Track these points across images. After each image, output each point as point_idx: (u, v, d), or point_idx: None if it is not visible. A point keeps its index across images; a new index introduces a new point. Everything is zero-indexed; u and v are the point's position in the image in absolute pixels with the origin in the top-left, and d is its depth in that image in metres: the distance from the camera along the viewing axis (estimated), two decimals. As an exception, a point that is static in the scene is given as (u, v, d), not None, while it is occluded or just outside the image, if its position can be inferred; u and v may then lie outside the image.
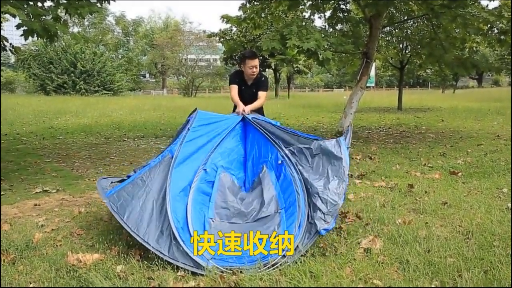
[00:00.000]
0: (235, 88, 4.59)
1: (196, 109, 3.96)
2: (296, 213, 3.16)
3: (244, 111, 4.14)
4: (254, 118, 4.01)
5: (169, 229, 2.98)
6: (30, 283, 2.68)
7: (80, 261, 2.89)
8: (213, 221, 3.18)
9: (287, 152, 3.60)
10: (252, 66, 4.42)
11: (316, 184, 3.29)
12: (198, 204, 3.25)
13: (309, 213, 3.15)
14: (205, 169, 3.53)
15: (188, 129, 3.71)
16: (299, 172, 3.42)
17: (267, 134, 3.80)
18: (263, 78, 4.67)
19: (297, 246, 2.95)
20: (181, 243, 2.89)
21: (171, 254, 2.88)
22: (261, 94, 4.63)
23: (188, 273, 2.76)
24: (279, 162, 3.57)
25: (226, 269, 2.76)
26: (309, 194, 3.25)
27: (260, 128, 3.85)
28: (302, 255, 2.93)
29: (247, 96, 4.61)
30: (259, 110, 4.66)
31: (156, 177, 3.34)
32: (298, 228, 3.07)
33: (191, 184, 3.35)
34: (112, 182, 3.93)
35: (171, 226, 2.98)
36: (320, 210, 3.15)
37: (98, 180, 3.99)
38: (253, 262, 2.81)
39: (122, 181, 3.82)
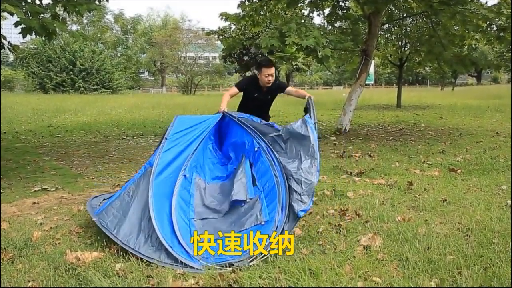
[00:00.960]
0: (234, 92, 4.42)
1: (176, 116, 3.90)
2: (277, 197, 3.21)
3: (221, 108, 4.03)
4: (232, 113, 3.99)
5: (158, 240, 3.02)
6: (29, 282, 2.67)
7: (79, 259, 2.88)
8: (195, 220, 3.22)
9: (264, 139, 3.64)
10: (268, 75, 4.33)
11: (290, 167, 3.35)
12: (181, 210, 3.28)
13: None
14: (185, 175, 3.52)
15: (166, 138, 3.65)
16: (276, 156, 3.47)
17: (244, 125, 3.81)
18: (277, 82, 4.59)
19: (282, 229, 3.02)
20: (170, 249, 2.93)
21: (163, 259, 2.91)
22: (291, 89, 4.58)
23: (187, 271, 2.76)
24: (255, 149, 3.61)
25: (224, 266, 2.79)
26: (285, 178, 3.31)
27: (238, 121, 3.86)
28: (300, 253, 2.93)
29: (261, 102, 4.53)
30: (266, 116, 4.58)
31: (140, 190, 3.36)
32: (281, 212, 3.12)
33: (173, 192, 3.36)
34: (104, 199, 3.95)
35: (158, 236, 3.01)
36: (296, 191, 3.21)
37: (89, 200, 4.05)
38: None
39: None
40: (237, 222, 3.17)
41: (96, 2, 7.00)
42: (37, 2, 6.45)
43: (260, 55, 30.10)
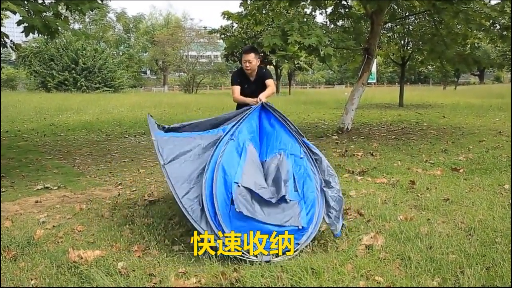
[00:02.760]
0: (238, 89, 4.47)
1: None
2: (315, 211, 3.21)
3: (260, 100, 3.96)
4: (271, 105, 3.93)
5: (199, 197, 3.07)
6: (31, 280, 2.68)
7: (81, 258, 2.88)
8: (238, 185, 3.11)
9: (310, 148, 3.65)
10: (246, 61, 4.33)
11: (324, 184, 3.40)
12: (226, 165, 3.25)
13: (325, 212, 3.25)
14: (232, 139, 3.52)
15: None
16: (318, 171, 3.48)
17: (287, 124, 3.76)
18: (264, 70, 4.61)
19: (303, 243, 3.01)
20: (207, 212, 2.96)
21: (195, 216, 2.98)
22: (269, 82, 4.52)
23: (189, 270, 2.76)
24: (301, 156, 3.58)
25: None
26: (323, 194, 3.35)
27: (280, 117, 3.80)
28: (302, 252, 2.93)
29: (251, 92, 4.53)
30: None
31: (205, 146, 3.44)
32: (314, 227, 3.14)
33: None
34: (164, 128, 3.97)
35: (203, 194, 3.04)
36: (334, 209, 3.26)
37: (148, 115, 4.08)
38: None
39: (173, 129, 3.93)
40: (278, 215, 3.06)
41: (99, 1, 7.00)
42: (40, 1, 6.47)
43: (262, 54, 30.10)
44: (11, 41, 7.17)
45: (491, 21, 9.71)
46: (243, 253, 2.84)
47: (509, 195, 4.30)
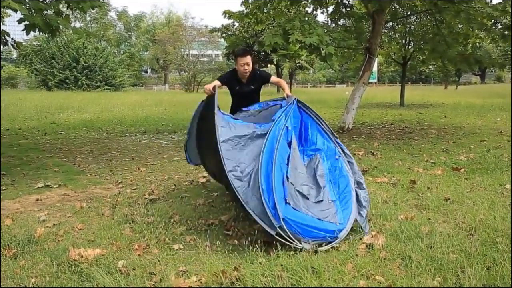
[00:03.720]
0: (216, 83, 4.28)
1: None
2: (351, 210, 3.34)
3: (289, 95, 3.97)
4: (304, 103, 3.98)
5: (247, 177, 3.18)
6: (32, 278, 2.68)
7: (82, 256, 2.88)
8: (288, 179, 3.21)
9: (343, 149, 3.75)
10: (244, 64, 4.28)
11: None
12: (280, 157, 3.30)
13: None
14: (287, 127, 3.58)
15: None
16: (352, 172, 3.60)
17: (320, 123, 3.85)
18: (258, 72, 4.57)
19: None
20: (265, 203, 2.99)
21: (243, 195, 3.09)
22: (274, 79, 4.63)
23: (189, 268, 2.76)
24: (336, 157, 3.68)
25: (289, 237, 2.93)
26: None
27: (314, 115, 3.87)
28: (303, 251, 2.92)
29: (246, 93, 4.49)
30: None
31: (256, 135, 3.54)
32: (350, 223, 3.26)
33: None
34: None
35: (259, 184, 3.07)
36: (365, 208, 3.41)
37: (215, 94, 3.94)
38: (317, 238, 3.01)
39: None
40: (317, 211, 3.18)
41: (100, -1, 7.00)
42: (41, -1, 6.46)
43: (263, 53, 30.08)
44: (12, 39, 7.18)
45: (492, 20, 9.69)
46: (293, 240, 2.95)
47: (509, 195, 4.29)
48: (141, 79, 55.09)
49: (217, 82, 4.29)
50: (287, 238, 2.93)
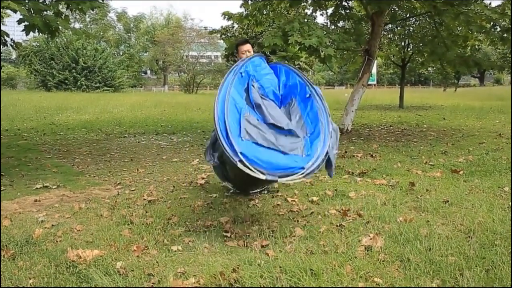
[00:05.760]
0: None
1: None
2: (320, 141, 3.39)
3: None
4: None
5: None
6: (30, 279, 2.67)
7: (80, 257, 2.88)
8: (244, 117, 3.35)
9: (314, 87, 3.86)
10: (245, 51, 4.30)
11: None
12: (233, 100, 3.42)
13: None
14: (241, 73, 3.67)
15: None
16: (325, 105, 3.70)
17: (294, 69, 3.99)
18: None
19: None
20: (220, 134, 3.12)
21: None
22: None
23: (188, 270, 2.76)
24: (307, 95, 3.77)
25: (251, 169, 2.98)
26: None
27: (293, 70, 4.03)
28: (301, 253, 2.92)
29: None
30: None
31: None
32: (318, 154, 3.28)
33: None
34: None
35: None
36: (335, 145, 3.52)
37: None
38: (278, 169, 3.05)
39: None
40: (286, 144, 3.28)
41: (99, 0, 7.00)
42: (40, 0, 6.46)
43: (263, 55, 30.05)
44: (11, 39, 7.17)
45: (491, 23, 9.71)
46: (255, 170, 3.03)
47: (508, 197, 4.30)
48: (141, 80, 55.14)
49: None
50: (250, 169, 2.99)
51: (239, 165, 3.00)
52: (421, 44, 15.24)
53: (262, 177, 3.00)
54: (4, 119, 12.47)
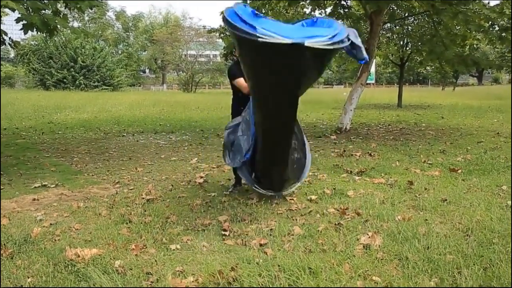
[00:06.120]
0: (242, 80, 4.22)
1: None
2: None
3: None
4: None
5: None
6: (28, 278, 2.67)
7: (79, 256, 2.88)
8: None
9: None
10: None
11: None
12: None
13: None
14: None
15: None
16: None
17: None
18: None
19: None
20: None
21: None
22: None
23: (186, 268, 2.76)
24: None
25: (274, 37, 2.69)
26: None
27: None
28: (300, 251, 2.92)
29: None
30: None
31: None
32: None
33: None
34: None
35: None
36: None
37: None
38: (302, 38, 2.76)
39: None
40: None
41: (98, -2, 7.00)
42: (39, -2, 6.45)
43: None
44: (9, 38, 7.15)
45: (490, 22, 9.72)
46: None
47: (506, 196, 4.31)
48: (139, 79, 55.04)
49: (243, 80, 4.21)
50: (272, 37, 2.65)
51: (260, 39, 2.61)
52: (419, 43, 15.27)
53: (288, 41, 2.61)
54: (2, 118, 12.45)
